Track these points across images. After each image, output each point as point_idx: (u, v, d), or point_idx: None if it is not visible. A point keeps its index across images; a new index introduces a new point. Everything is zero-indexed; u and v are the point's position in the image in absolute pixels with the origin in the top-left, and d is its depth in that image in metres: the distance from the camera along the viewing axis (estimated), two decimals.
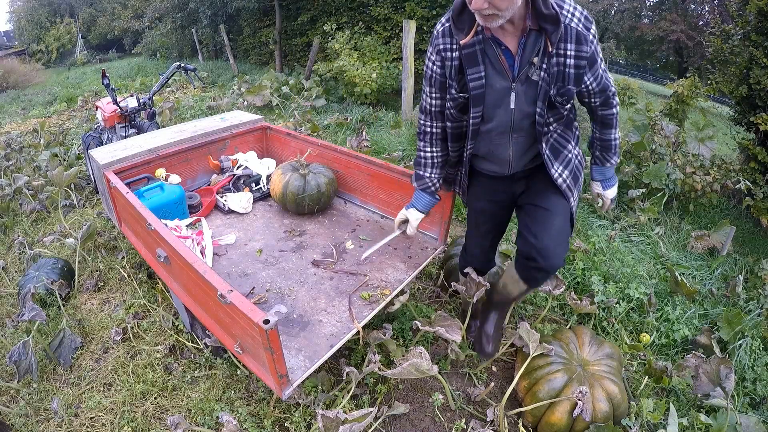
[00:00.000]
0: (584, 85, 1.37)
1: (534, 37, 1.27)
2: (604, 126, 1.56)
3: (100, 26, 19.60)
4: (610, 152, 1.61)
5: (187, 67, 3.56)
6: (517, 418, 1.78)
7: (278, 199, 2.38)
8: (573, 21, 1.25)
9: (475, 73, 1.34)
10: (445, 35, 1.36)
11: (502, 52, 1.31)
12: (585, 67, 1.30)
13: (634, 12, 20.59)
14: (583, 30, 1.26)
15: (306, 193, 2.29)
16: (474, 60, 1.33)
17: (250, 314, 1.22)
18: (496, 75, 1.34)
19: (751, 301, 2.41)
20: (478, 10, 1.15)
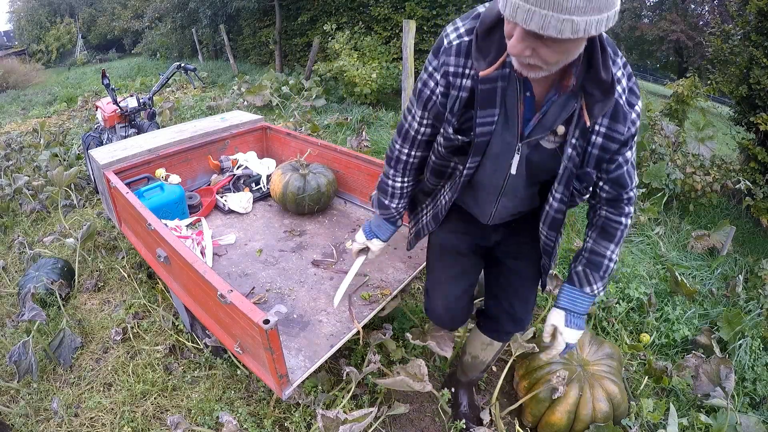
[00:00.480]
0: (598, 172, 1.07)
1: (567, 98, 0.94)
2: (602, 234, 1.17)
3: (100, 26, 19.61)
4: (598, 273, 1.18)
5: (187, 67, 3.56)
6: (513, 418, 1.78)
7: (278, 199, 2.38)
8: (616, 91, 0.93)
9: (488, 116, 1.02)
10: (459, 54, 1.00)
11: (525, 99, 0.99)
12: (612, 152, 1.00)
13: (634, 12, 20.59)
14: (626, 105, 0.96)
15: (306, 193, 2.29)
16: (491, 100, 1.00)
17: (250, 314, 1.22)
18: (506, 125, 1.03)
19: (751, 301, 2.41)
20: (517, 56, 0.83)
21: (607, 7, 0.73)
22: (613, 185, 1.08)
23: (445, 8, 5.97)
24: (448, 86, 1.04)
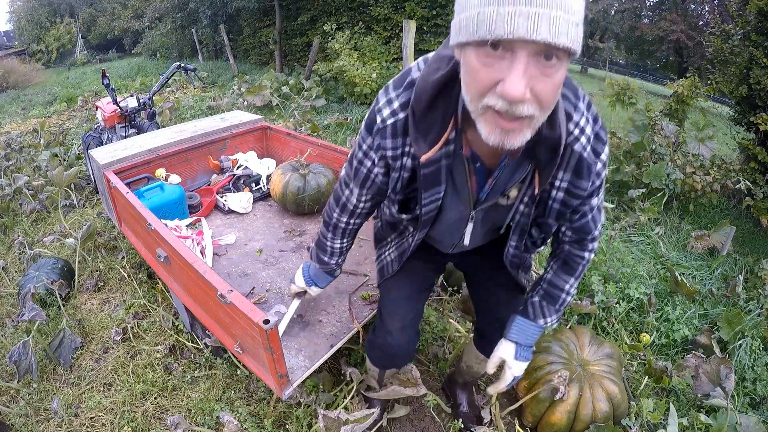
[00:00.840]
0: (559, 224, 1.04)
1: (520, 161, 0.87)
2: (563, 267, 1.13)
3: (100, 26, 19.61)
4: (554, 306, 1.15)
5: (187, 67, 3.56)
6: (513, 418, 1.78)
7: (278, 199, 2.38)
8: (579, 142, 0.83)
9: (434, 194, 0.96)
10: (396, 135, 0.90)
11: (476, 170, 0.92)
12: (571, 206, 0.93)
13: (634, 12, 20.59)
14: (590, 156, 0.85)
15: (306, 193, 2.29)
16: (435, 180, 0.92)
17: (250, 314, 1.22)
18: (456, 198, 0.98)
19: (751, 301, 2.41)
20: (510, 103, 0.64)
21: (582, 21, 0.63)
22: (577, 232, 1.04)
23: (445, 8, 5.97)
24: (387, 167, 0.97)
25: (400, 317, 1.31)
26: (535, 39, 0.57)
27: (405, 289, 1.33)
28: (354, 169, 1.05)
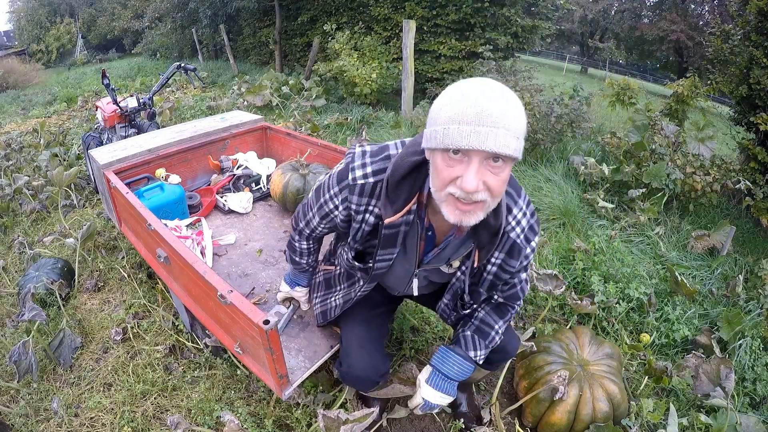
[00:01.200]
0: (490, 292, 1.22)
1: (465, 239, 1.07)
2: (495, 310, 1.27)
3: (100, 26, 19.61)
4: (485, 341, 1.25)
5: (187, 67, 3.56)
6: (513, 418, 1.78)
7: (278, 199, 2.38)
8: (515, 231, 1.04)
9: (387, 254, 1.12)
10: (363, 194, 1.05)
11: (426, 238, 1.10)
12: (504, 281, 1.15)
13: (634, 12, 20.60)
14: (522, 242, 1.06)
15: (306, 193, 2.29)
16: (393, 241, 1.08)
17: (250, 315, 1.22)
18: (404, 258, 1.15)
19: (751, 301, 2.41)
20: (468, 193, 0.82)
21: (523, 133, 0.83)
22: (507, 299, 1.25)
23: (445, 8, 5.96)
24: (349, 217, 1.12)
25: (357, 338, 1.37)
26: (484, 149, 0.78)
27: (362, 314, 1.41)
28: (319, 205, 1.21)
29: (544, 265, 2.66)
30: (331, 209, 1.16)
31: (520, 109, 0.81)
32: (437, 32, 6.18)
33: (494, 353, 1.39)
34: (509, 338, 1.41)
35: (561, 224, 3.07)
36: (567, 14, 17.55)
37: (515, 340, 1.45)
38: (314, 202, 1.22)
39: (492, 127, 0.77)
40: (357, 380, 1.37)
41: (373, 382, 1.38)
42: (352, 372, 1.35)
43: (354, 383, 1.41)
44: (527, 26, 6.02)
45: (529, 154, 3.99)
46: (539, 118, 3.89)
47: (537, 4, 6.33)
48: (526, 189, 3.45)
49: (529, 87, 4.20)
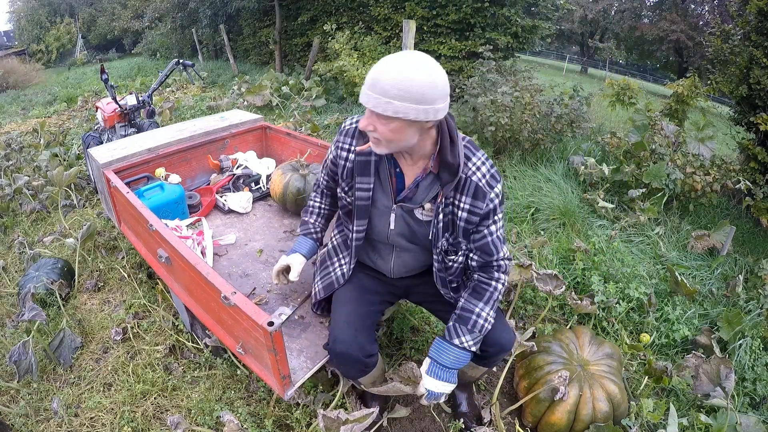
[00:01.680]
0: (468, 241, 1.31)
1: (431, 180, 1.24)
2: (473, 294, 1.34)
3: (100, 26, 19.61)
4: (466, 326, 1.31)
5: (185, 64, 3.57)
6: (513, 418, 1.78)
7: (278, 199, 2.38)
8: (476, 175, 1.21)
9: (365, 183, 1.31)
10: (348, 135, 1.34)
11: (396, 174, 1.28)
12: (476, 224, 1.25)
13: (634, 12, 20.60)
14: (485, 186, 1.20)
15: (306, 193, 2.29)
16: (366, 170, 1.29)
17: (254, 316, 1.22)
18: (383, 192, 1.32)
19: (751, 301, 2.41)
20: (364, 129, 1.14)
21: (425, 101, 1.04)
22: (481, 253, 1.31)
23: (445, 8, 5.96)
24: (336, 157, 1.37)
25: (344, 314, 1.42)
26: (367, 107, 1.08)
27: (353, 294, 1.49)
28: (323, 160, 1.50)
29: (544, 265, 2.66)
30: (330, 159, 1.43)
31: (407, 82, 1.02)
32: (437, 32, 6.17)
33: (489, 346, 1.40)
34: (502, 330, 1.41)
35: (561, 224, 3.07)
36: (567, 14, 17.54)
37: (509, 332, 1.44)
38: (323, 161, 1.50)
39: (373, 92, 1.05)
40: (342, 358, 1.37)
41: (359, 363, 1.38)
42: (336, 348, 1.36)
43: (340, 363, 1.41)
44: (527, 26, 6.02)
45: (529, 154, 4.00)
46: (539, 118, 3.89)
47: (537, 4, 6.32)
48: (526, 189, 3.46)
49: (529, 87, 4.20)
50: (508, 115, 3.75)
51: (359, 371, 1.43)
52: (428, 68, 1.04)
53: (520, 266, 2.20)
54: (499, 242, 1.30)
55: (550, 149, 4.08)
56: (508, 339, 1.43)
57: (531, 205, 3.27)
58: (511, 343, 1.44)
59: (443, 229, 1.28)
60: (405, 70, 1.02)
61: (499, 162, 3.98)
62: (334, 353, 1.38)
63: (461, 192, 1.22)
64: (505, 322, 1.47)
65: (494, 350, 1.43)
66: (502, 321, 1.45)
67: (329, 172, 1.48)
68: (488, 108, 3.82)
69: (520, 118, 3.78)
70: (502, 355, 1.46)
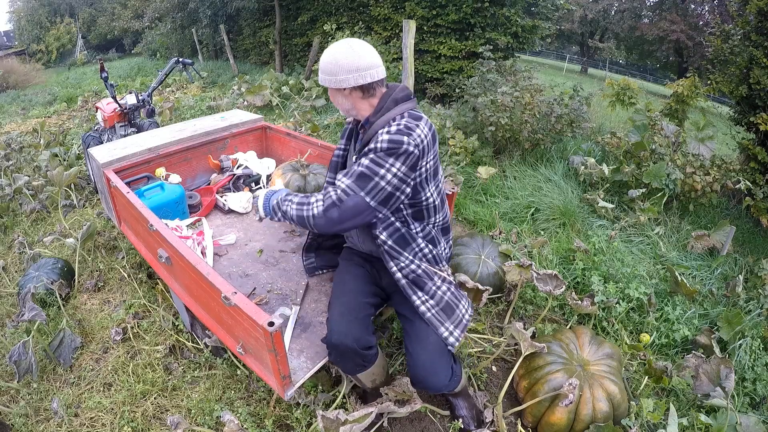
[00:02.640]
0: None
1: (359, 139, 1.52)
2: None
3: (100, 26, 19.60)
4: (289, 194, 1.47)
5: (185, 62, 3.58)
6: (516, 419, 1.78)
7: None
8: (386, 128, 1.35)
9: (340, 144, 1.65)
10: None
11: (358, 138, 1.57)
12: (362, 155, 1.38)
13: (634, 12, 20.58)
14: (381, 132, 1.33)
15: (306, 193, 2.29)
16: (343, 134, 1.65)
17: (254, 317, 1.22)
18: (351, 153, 1.61)
19: (751, 301, 2.41)
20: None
21: (333, 73, 1.38)
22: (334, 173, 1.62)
23: (445, 8, 5.95)
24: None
25: (339, 307, 1.47)
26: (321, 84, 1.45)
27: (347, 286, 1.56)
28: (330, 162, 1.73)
29: (544, 265, 2.66)
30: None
31: (332, 59, 1.37)
32: (437, 32, 6.17)
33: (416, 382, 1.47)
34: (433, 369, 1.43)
35: (561, 224, 3.07)
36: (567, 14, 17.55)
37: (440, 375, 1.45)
38: None
39: (323, 74, 1.41)
40: (338, 349, 1.39)
41: (356, 355, 1.39)
42: (332, 339, 1.39)
43: (337, 355, 1.42)
44: (527, 26, 6.01)
45: (529, 154, 3.99)
46: (539, 118, 3.89)
47: (537, 4, 6.32)
48: (526, 189, 3.45)
49: (529, 87, 4.19)
50: (508, 115, 3.75)
51: (357, 365, 1.45)
52: (333, 51, 1.38)
53: (520, 266, 2.20)
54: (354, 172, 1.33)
55: (550, 149, 4.08)
56: (436, 384, 1.44)
57: (531, 205, 3.27)
58: (439, 388, 1.45)
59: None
60: (329, 53, 1.39)
61: (499, 162, 3.98)
62: (331, 344, 1.40)
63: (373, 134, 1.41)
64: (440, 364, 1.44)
65: (423, 386, 1.46)
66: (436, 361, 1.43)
67: None
68: (488, 108, 3.82)
69: (520, 118, 3.78)
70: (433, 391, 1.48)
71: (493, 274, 2.35)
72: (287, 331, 1.64)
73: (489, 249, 2.43)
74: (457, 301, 1.52)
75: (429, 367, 1.43)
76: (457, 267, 2.33)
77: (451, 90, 5.66)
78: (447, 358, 1.47)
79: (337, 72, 1.36)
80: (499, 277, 2.36)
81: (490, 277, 2.34)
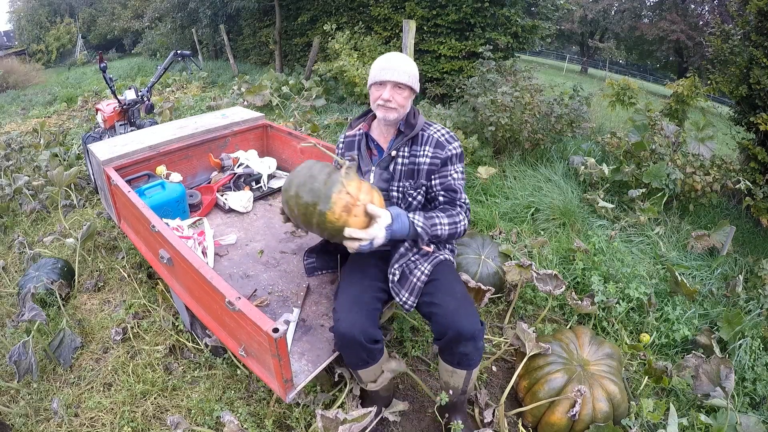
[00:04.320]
0: (431, 182, 1.59)
1: (401, 138, 1.61)
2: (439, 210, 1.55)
3: (100, 26, 19.60)
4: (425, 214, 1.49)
5: (183, 53, 3.60)
6: (517, 418, 1.78)
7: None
8: (437, 133, 1.59)
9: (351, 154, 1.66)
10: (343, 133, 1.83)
11: (375, 148, 1.69)
12: (437, 166, 1.57)
13: (634, 12, 20.57)
14: (445, 139, 1.58)
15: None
16: (351, 146, 1.75)
17: (258, 322, 1.22)
18: (362, 160, 1.70)
19: (751, 301, 2.41)
20: (385, 101, 1.53)
21: (416, 76, 1.57)
22: (446, 192, 1.58)
23: (445, 8, 5.95)
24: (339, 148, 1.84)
25: (347, 298, 1.51)
26: (391, 79, 1.52)
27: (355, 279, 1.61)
28: None
29: (544, 265, 2.66)
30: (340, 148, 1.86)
31: (410, 63, 1.55)
32: (437, 32, 6.17)
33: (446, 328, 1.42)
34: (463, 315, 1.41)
35: (561, 224, 3.07)
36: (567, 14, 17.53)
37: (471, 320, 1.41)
38: None
39: (394, 70, 1.51)
40: (345, 339, 1.39)
41: (363, 348, 1.40)
42: (340, 329, 1.40)
43: (344, 345, 1.43)
44: (527, 26, 6.01)
45: (529, 154, 3.99)
46: (539, 118, 3.89)
47: (537, 4, 6.32)
48: (526, 189, 3.45)
49: (529, 87, 4.19)
50: (508, 115, 3.75)
51: (361, 359, 1.45)
52: (406, 58, 1.57)
53: (520, 266, 2.20)
54: (460, 187, 1.59)
55: (550, 149, 4.08)
56: (468, 326, 1.39)
57: (531, 205, 3.26)
58: (471, 331, 1.40)
59: (405, 174, 1.60)
60: (403, 57, 1.57)
61: (499, 162, 3.98)
62: (338, 333, 1.41)
63: (423, 144, 1.58)
64: (470, 310, 1.45)
65: (452, 334, 1.40)
66: (466, 307, 1.45)
67: None
68: (488, 108, 3.81)
69: (520, 118, 3.78)
70: (463, 343, 1.41)
71: (493, 274, 2.35)
72: (288, 334, 1.64)
73: (489, 249, 2.43)
74: None
75: (461, 310, 1.42)
76: (458, 267, 2.33)
77: (451, 90, 5.65)
78: (474, 307, 1.49)
79: (417, 75, 1.58)
80: (499, 277, 2.36)
81: (490, 277, 2.34)
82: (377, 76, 1.53)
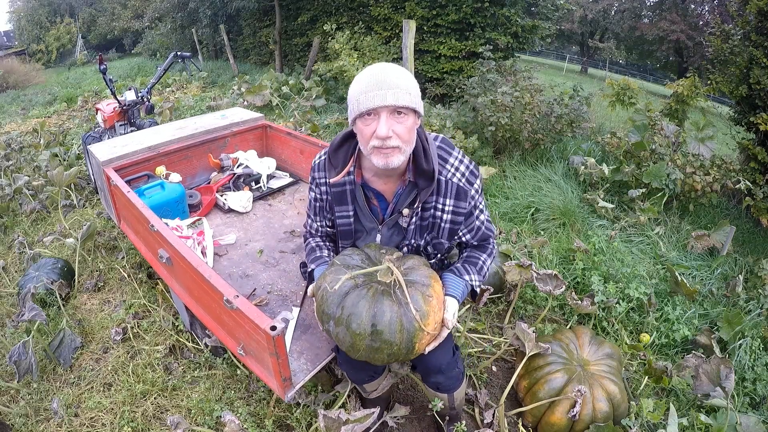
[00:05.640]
0: (459, 234, 1.36)
1: (410, 188, 1.25)
2: (476, 248, 1.41)
3: (100, 26, 19.61)
4: (475, 267, 1.37)
5: (183, 55, 3.60)
6: (517, 419, 1.78)
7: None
8: (456, 176, 1.23)
9: (344, 211, 1.35)
10: (321, 169, 1.36)
11: (375, 196, 1.31)
12: (461, 223, 1.30)
13: (634, 12, 20.57)
14: (465, 185, 1.24)
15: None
16: (343, 199, 1.32)
17: (257, 320, 1.22)
18: (364, 217, 1.35)
19: (751, 301, 2.41)
20: (382, 140, 1.08)
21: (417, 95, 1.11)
22: (480, 239, 1.39)
23: (445, 8, 5.95)
24: (320, 194, 1.39)
25: None
26: (386, 104, 1.05)
27: None
28: (310, 202, 1.46)
29: (544, 265, 2.66)
30: (315, 197, 1.41)
31: (409, 76, 1.11)
32: (437, 32, 6.17)
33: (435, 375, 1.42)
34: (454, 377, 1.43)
35: (561, 224, 3.07)
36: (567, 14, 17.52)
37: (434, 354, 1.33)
38: (308, 207, 1.48)
39: (388, 89, 1.05)
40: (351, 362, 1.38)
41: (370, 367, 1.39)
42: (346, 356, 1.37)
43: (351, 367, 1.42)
44: (527, 26, 6.02)
45: (529, 154, 3.99)
46: (539, 118, 3.89)
47: (537, 4, 6.32)
48: (526, 189, 3.45)
49: (529, 87, 4.19)
50: (508, 115, 3.75)
51: (369, 375, 1.46)
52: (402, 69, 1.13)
53: (520, 266, 2.20)
54: (491, 225, 1.41)
55: (550, 149, 4.08)
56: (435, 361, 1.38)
57: (531, 205, 3.26)
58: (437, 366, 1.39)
59: (423, 229, 1.31)
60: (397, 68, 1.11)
61: (499, 162, 3.98)
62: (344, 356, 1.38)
63: (443, 195, 1.24)
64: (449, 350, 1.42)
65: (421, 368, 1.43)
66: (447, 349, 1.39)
67: (321, 210, 1.44)
68: (488, 108, 3.82)
69: (520, 118, 3.78)
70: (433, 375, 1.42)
71: (493, 274, 2.35)
72: (288, 333, 1.63)
73: None
74: None
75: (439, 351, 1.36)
76: None
77: (451, 90, 5.66)
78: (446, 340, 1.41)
79: (419, 92, 1.12)
80: (499, 277, 2.36)
81: (490, 277, 2.34)
82: (363, 103, 1.07)
